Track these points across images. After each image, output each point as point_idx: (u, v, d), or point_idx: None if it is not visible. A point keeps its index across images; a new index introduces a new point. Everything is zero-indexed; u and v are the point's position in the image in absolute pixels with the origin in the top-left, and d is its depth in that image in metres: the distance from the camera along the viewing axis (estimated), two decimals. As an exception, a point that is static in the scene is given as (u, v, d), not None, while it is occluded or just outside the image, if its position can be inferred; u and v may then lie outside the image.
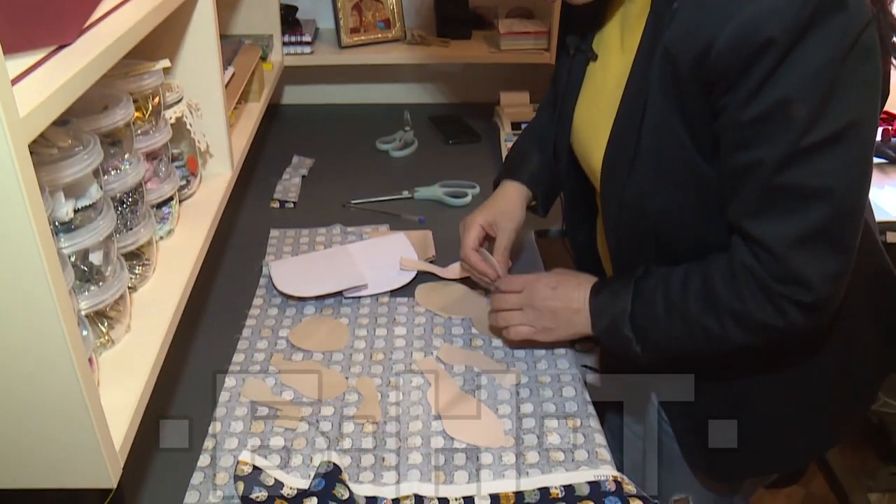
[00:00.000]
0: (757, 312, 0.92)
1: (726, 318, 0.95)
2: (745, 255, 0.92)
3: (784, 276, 0.89)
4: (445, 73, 2.29)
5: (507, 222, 1.29)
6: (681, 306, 0.98)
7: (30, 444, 0.74)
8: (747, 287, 0.92)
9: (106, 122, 0.89)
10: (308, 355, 1.23)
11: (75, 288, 0.83)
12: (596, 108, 1.08)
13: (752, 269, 0.91)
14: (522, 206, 1.32)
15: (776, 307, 0.91)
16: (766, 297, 0.91)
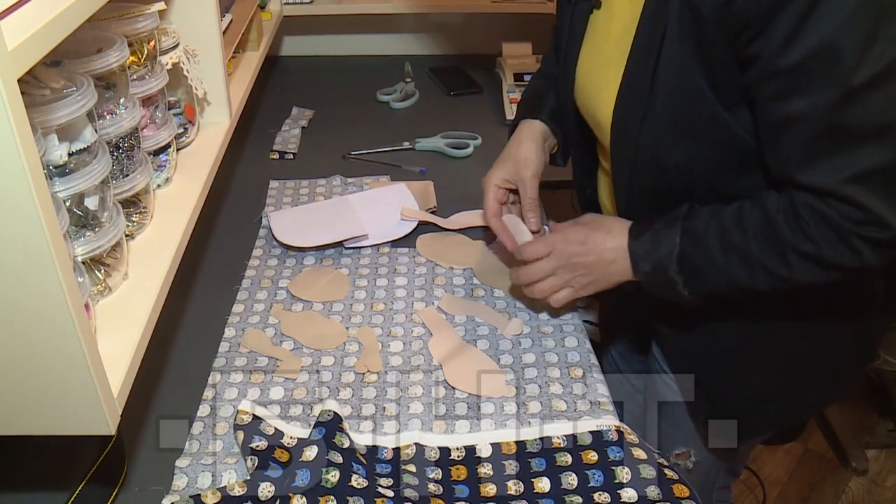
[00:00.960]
0: (830, 254, 0.88)
1: (793, 258, 0.91)
2: (808, 199, 0.88)
3: (857, 218, 0.85)
4: (447, 23, 2.25)
5: (526, 170, 1.20)
6: (738, 246, 0.94)
7: (27, 390, 0.73)
8: (818, 229, 0.87)
9: (100, 63, 0.87)
10: (308, 305, 1.22)
11: (71, 233, 0.82)
12: (601, 59, 1.04)
13: (822, 212, 0.87)
14: (540, 148, 1.22)
15: (851, 247, 0.87)
16: (840, 237, 0.87)
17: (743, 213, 0.94)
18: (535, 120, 1.24)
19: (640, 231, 1.03)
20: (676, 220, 0.99)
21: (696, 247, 0.97)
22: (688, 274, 0.98)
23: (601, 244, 1.06)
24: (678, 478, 0.91)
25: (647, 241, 1.01)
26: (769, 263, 0.92)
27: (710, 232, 0.96)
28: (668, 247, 0.98)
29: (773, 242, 0.91)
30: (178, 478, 0.93)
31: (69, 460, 0.96)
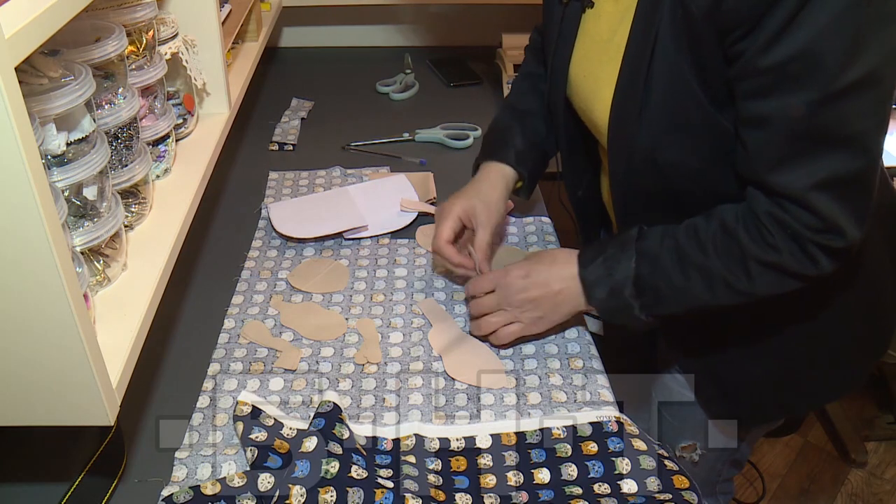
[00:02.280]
0: (791, 262, 0.89)
1: (755, 269, 0.91)
2: (769, 206, 0.88)
3: (816, 225, 0.86)
4: (447, 14, 2.24)
5: (488, 217, 1.17)
6: (699, 263, 0.94)
7: (26, 381, 0.73)
8: (779, 238, 0.88)
9: (98, 53, 0.86)
10: (308, 297, 1.22)
11: (69, 223, 0.82)
12: (595, 59, 1.04)
13: (781, 220, 0.87)
14: (505, 195, 1.21)
15: (808, 255, 0.88)
16: (799, 245, 0.88)
17: (698, 229, 0.95)
18: (503, 164, 1.22)
19: (590, 258, 1.04)
20: (629, 243, 1.00)
21: (653, 267, 0.98)
22: (645, 296, 0.99)
23: (545, 276, 1.07)
24: (678, 469, 0.91)
25: (600, 266, 1.02)
26: (730, 276, 0.93)
27: (665, 251, 0.97)
28: (624, 271, 0.99)
29: (733, 254, 0.92)
30: (178, 469, 0.93)
31: (69, 452, 0.96)
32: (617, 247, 1.01)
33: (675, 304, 0.98)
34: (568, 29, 1.08)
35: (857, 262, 1.04)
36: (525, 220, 1.41)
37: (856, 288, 1.06)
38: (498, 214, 1.19)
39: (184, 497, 0.87)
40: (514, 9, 2.14)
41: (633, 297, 0.99)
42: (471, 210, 1.17)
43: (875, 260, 1.06)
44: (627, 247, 0.99)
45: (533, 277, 1.07)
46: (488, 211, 1.17)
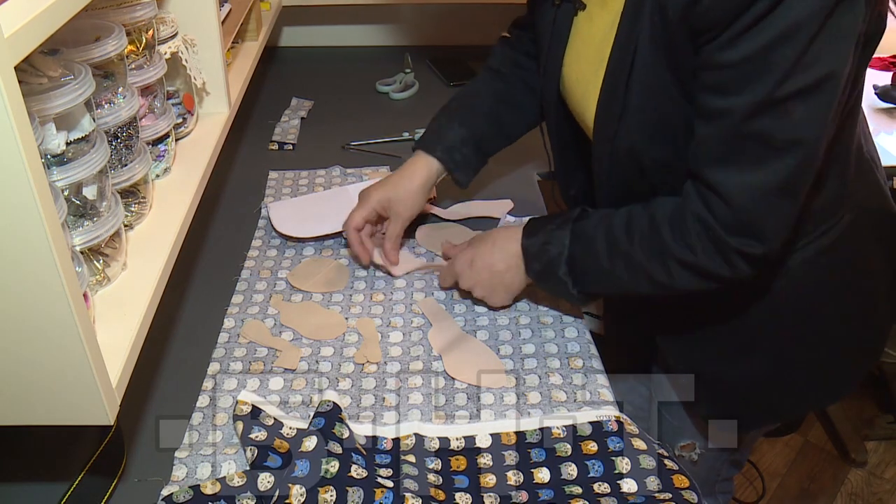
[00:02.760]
0: (708, 264, 0.92)
1: (674, 266, 0.95)
2: (697, 205, 0.90)
3: (737, 228, 0.88)
4: (446, 13, 2.24)
5: (402, 210, 1.25)
6: (625, 252, 0.98)
7: (26, 380, 0.73)
8: (697, 238, 0.91)
9: (97, 52, 0.86)
10: (307, 296, 1.22)
11: (69, 223, 0.82)
12: (586, 61, 1.04)
13: (704, 220, 0.90)
14: (425, 188, 1.26)
15: (725, 259, 0.91)
16: (716, 248, 0.90)
17: (632, 218, 0.99)
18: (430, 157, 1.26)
19: (534, 230, 1.09)
20: (567, 222, 1.05)
21: (585, 249, 1.02)
22: (576, 275, 1.04)
23: (488, 258, 1.14)
24: (678, 468, 0.91)
25: (540, 240, 1.07)
26: (651, 270, 0.97)
27: (598, 235, 1.01)
28: (559, 248, 1.04)
29: (655, 250, 0.96)
30: (178, 468, 0.93)
31: (68, 451, 0.96)
32: (557, 224, 1.06)
33: (603, 287, 1.05)
34: (560, 30, 1.08)
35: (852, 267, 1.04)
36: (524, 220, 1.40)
37: (852, 290, 1.06)
38: (413, 207, 1.26)
39: (184, 496, 0.87)
40: (513, 8, 2.13)
41: (566, 274, 1.04)
42: (386, 202, 1.25)
43: (870, 262, 1.06)
44: (565, 225, 1.04)
45: (477, 263, 1.14)
46: (403, 204, 1.25)
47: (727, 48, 0.80)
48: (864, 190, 1.04)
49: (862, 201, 1.03)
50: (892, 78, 1.85)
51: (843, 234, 1.01)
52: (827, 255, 1.01)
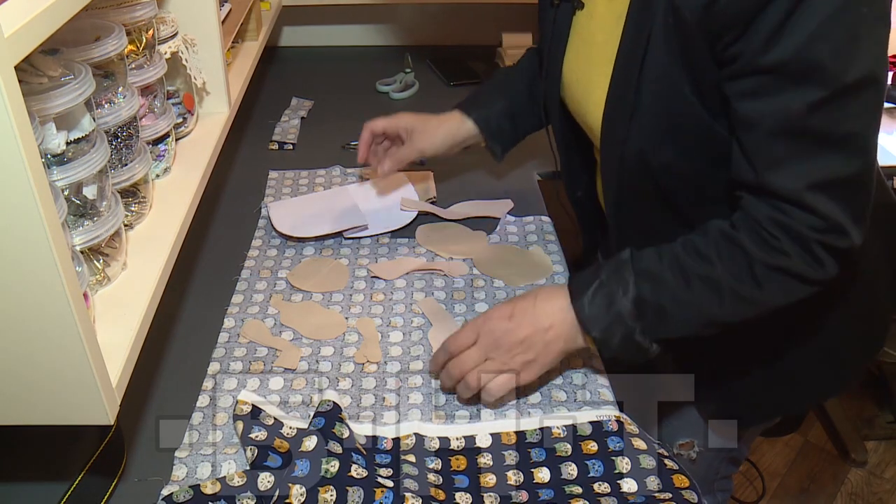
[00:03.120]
0: (797, 265, 0.87)
1: (764, 275, 0.89)
2: (769, 210, 0.87)
3: (818, 225, 0.85)
4: (447, 13, 2.24)
5: (420, 140, 1.31)
6: (705, 273, 0.91)
7: (26, 380, 0.73)
8: (784, 241, 0.86)
9: (98, 52, 0.86)
10: (307, 296, 1.22)
11: (69, 222, 0.82)
12: (587, 62, 1.04)
13: (783, 224, 0.86)
14: (452, 136, 1.32)
15: (814, 257, 0.87)
16: (803, 248, 0.86)
17: (696, 243, 0.93)
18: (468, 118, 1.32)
19: (582, 286, 0.97)
20: (624, 265, 0.95)
21: (654, 284, 0.93)
22: (647, 318, 0.93)
23: (531, 313, 0.99)
24: (678, 468, 0.91)
25: (596, 293, 0.95)
26: (737, 284, 0.90)
27: (665, 267, 0.93)
28: (623, 294, 0.93)
29: (739, 261, 0.89)
30: (178, 468, 0.93)
31: (68, 451, 0.96)
32: (611, 271, 0.96)
33: (680, 322, 0.94)
34: (560, 30, 1.08)
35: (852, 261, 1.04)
36: (525, 220, 1.41)
37: (852, 286, 1.06)
38: (432, 145, 1.31)
39: (184, 496, 0.87)
40: (513, 8, 2.14)
41: (635, 319, 0.93)
42: (411, 128, 1.31)
43: (870, 258, 1.06)
44: (623, 269, 0.95)
45: (518, 317, 0.99)
46: (423, 136, 1.30)
47: (767, 50, 0.79)
48: None
49: None
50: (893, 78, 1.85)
51: None
52: None
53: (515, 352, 0.98)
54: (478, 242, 1.35)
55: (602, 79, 0.98)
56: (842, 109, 0.80)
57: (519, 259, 1.30)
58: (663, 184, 0.99)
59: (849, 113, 0.80)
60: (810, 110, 0.80)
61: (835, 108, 0.80)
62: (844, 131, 0.81)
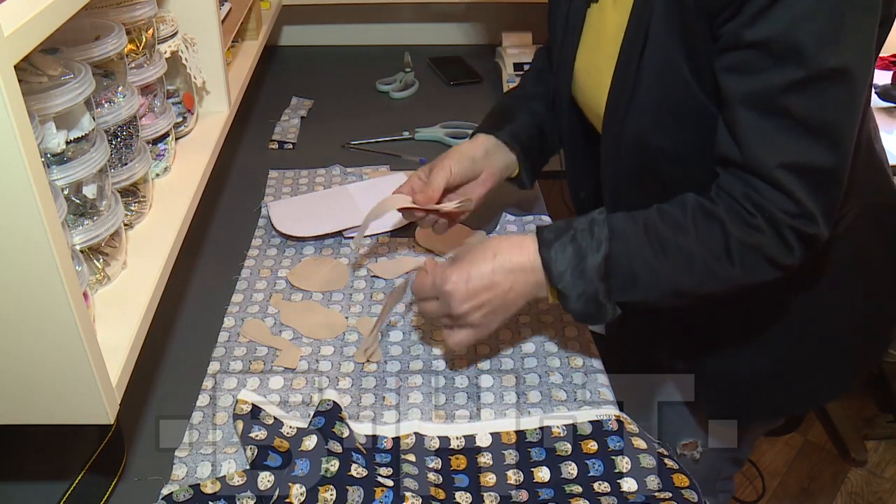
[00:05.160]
0: (769, 245, 0.87)
1: (737, 251, 0.88)
2: (744, 188, 0.87)
3: (791, 209, 0.85)
4: (446, 13, 2.24)
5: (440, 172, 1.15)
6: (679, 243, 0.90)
7: (26, 380, 0.73)
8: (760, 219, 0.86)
9: (97, 51, 0.86)
10: (307, 295, 1.22)
11: (69, 222, 0.82)
12: (599, 53, 1.04)
13: (757, 202, 0.86)
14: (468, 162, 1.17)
15: (784, 241, 0.87)
16: (775, 229, 0.87)
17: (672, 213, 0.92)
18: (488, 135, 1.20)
19: (552, 237, 0.95)
20: (598, 223, 0.93)
21: (626, 246, 0.91)
22: (615, 278, 0.92)
23: (489, 276, 0.96)
24: (678, 467, 0.91)
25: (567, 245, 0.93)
26: (710, 258, 0.89)
27: (640, 230, 0.92)
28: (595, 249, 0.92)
29: (715, 234, 0.89)
30: (178, 468, 0.93)
31: (68, 450, 0.96)
32: (584, 226, 0.94)
33: (646, 287, 0.92)
34: (574, 24, 1.08)
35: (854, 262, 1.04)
36: (525, 220, 1.40)
37: (854, 287, 1.06)
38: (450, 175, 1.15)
39: (184, 496, 0.87)
40: (513, 7, 2.14)
41: (601, 278, 0.92)
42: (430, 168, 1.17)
43: (874, 260, 1.06)
44: (597, 226, 0.93)
45: (475, 280, 0.96)
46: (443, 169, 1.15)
47: (752, 25, 0.80)
48: (871, 185, 1.03)
49: (868, 196, 1.02)
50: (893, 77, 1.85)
51: (846, 230, 1.01)
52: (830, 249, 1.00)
53: (473, 314, 0.97)
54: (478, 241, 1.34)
55: (610, 69, 0.99)
56: (820, 94, 0.81)
57: None
58: (660, 169, 0.99)
59: (826, 99, 0.81)
60: (788, 90, 0.81)
61: (813, 92, 0.80)
62: (821, 118, 0.82)
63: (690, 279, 0.91)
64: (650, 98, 0.94)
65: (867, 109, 0.97)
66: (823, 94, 0.81)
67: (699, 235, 0.90)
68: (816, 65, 0.79)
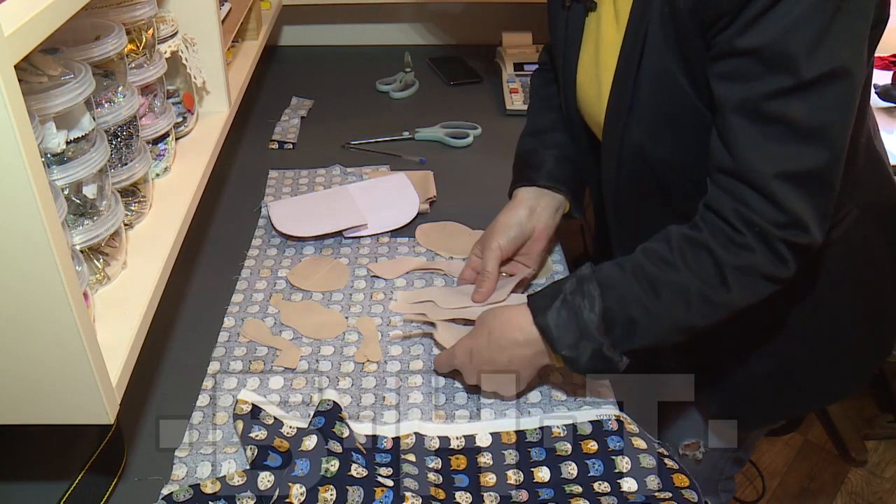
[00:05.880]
0: (762, 263, 0.87)
1: (732, 275, 0.87)
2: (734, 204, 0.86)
3: (781, 220, 0.84)
4: (446, 13, 2.24)
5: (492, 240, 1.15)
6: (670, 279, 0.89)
7: (26, 380, 0.73)
8: (749, 237, 0.86)
9: (97, 51, 0.86)
10: (308, 295, 1.22)
11: (69, 222, 0.82)
12: (598, 63, 1.03)
13: (748, 218, 0.85)
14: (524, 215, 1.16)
15: (776, 254, 0.86)
16: (767, 245, 0.86)
17: (658, 250, 0.91)
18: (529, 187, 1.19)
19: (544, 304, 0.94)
20: (586, 278, 0.93)
21: (620, 296, 0.91)
22: (616, 331, 0.91)
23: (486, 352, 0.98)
24: (678, 467, 0.91)
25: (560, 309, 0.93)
26: (705, 288, 0.89)
27: (629, 277, 0.91)
28: (589, 307, 0.91)
29: (705, 264, 0.88)
30: (178, 467, 0.93)
31: (68, 450, 0.96)
32: (574, 285, 0.93)
33: (650, 331, 0.91)
34: (573, 33, 1.07)
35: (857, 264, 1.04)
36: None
37: (856, 289, 1.06)
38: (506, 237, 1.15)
39: (184, 496, 0.87)
40: (513, 7, 2.14)
41: (603, 333, 0.91)
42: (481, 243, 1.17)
43: (876, 259, 1.06)
44: (586, 282, 0.92)
45: (476, 357, 1.00)
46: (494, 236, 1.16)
47: (744, 34, 0.79)
48: (872, 185, 1.03)
49: (870, 196, 1.02)
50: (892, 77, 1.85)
51: (849, 230, 1.01)
52: (832, 251, 1.00)
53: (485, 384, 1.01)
54: (478, 241, 1.35)
55: (609, 78, 0.99)
56: (811, 100, 0.80)
57: None
58: (661, 178, 0.99)
59: (818, 105, 0.81)
60: (780, 96, 0.80)
61: (804, 98, 0.80)
62: (814, 122, 0.81)
63: (689, 313, 0.90)
64: (649, 107, 0.94)
65: (866, 108, 0.97)
66: (816, 99, 0.80)
67: (689, 267, 0.89)
68: (808, 71, 0.78)
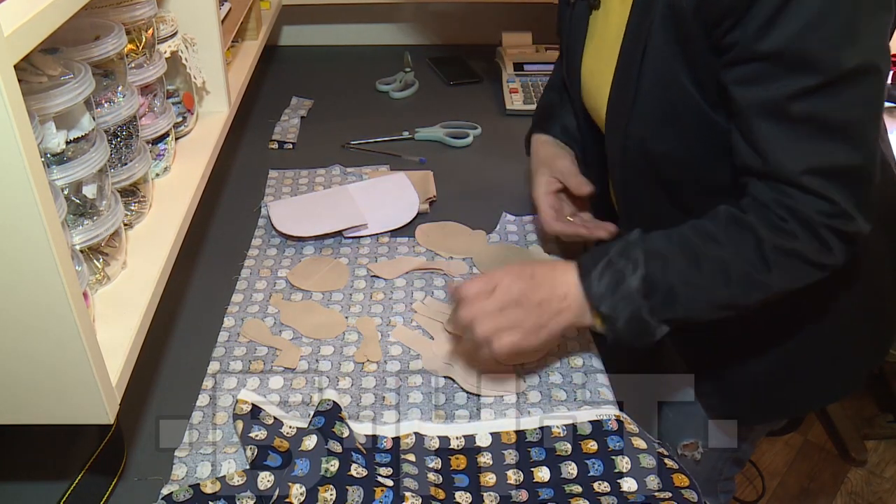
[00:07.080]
0: (806, 248, 0.86)
1: (774, 258, 0.87)
2: (775, 194, 0.86)
3: (825, 209, 0.84)
4: (446, 12, 2.24)
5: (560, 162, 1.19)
6: (714, 254, 0.89)
7: (26, 380, 0.73)
8: (792, 223, 0.85)
9: (97, 51, 0.86)
10: (307, 295, 1.22)
11: (69, 222, 0.82)
12: (601, 60, 1.04)
13: (790, 207, 0.85)
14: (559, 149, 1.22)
15: (821, 241, 0.86)
16: (811, 232, 0.85)
17: (706, 226, 0.91)
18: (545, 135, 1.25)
19: (590, 264, 0.95)
20: (633, 244, 0.93)
21: (664, 263, 0.91)
22: (656, 297, 0.91)
23: (550, 277, 0.96)
24: (678, 467, 0.91)
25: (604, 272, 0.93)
26: (747, 266, 0.88)
27: (675, 247, 0.92)
28: (633, 272, 0.91)
29: (749, 243, 0.88)
30: (178, 467, 0.93)
31: (68, 450, 0.96)
32: (620, 249, 0.93)
33: (688, 303, 0.91)
34: (577, 31, 1.08)
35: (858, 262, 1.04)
36: (525, 219, 1.40)
37: (857, 288, 1.06)
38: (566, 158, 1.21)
39: (183, 495, 0.87)
40: (514, 7, 2.14)
41: (643, 297, 0.91)
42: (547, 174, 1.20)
43: (876, 259, 1.06)
44: (632, 248, 0.93)
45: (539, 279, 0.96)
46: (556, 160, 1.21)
47: (763, 37, 0.79)
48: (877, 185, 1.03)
49: None
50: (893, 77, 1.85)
51: None
52: None
53: (531, 311, 0.95)
54: (478, 241, 1.35)
55: (612, 74, 0.99)
56: (837, 98, 0.80)
57: (519, 258, 1.30)
58: (665, 174, 0.99)
59: (845, 102, 0.80)
60: (805, 97, 0.80)
61: (830, 97, 0.80)
62: (842, 119, 0.81)
63: (728, 289, 0.90)
64: (650, 105, 0.94)
65: None
66: (842, 95, 0.80)
67: (731, 244, 0.89)
68: (831, 70, 0.78)
